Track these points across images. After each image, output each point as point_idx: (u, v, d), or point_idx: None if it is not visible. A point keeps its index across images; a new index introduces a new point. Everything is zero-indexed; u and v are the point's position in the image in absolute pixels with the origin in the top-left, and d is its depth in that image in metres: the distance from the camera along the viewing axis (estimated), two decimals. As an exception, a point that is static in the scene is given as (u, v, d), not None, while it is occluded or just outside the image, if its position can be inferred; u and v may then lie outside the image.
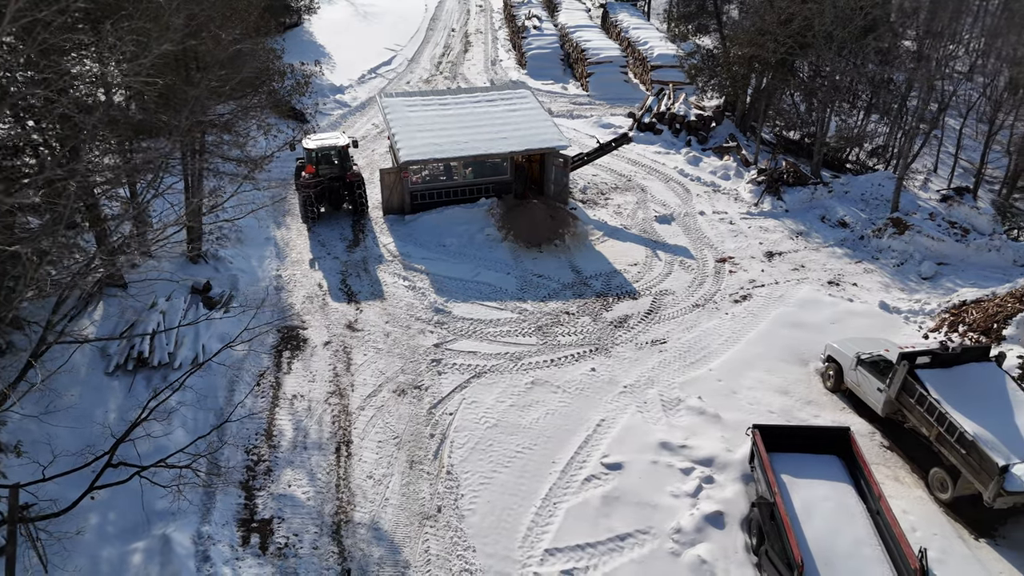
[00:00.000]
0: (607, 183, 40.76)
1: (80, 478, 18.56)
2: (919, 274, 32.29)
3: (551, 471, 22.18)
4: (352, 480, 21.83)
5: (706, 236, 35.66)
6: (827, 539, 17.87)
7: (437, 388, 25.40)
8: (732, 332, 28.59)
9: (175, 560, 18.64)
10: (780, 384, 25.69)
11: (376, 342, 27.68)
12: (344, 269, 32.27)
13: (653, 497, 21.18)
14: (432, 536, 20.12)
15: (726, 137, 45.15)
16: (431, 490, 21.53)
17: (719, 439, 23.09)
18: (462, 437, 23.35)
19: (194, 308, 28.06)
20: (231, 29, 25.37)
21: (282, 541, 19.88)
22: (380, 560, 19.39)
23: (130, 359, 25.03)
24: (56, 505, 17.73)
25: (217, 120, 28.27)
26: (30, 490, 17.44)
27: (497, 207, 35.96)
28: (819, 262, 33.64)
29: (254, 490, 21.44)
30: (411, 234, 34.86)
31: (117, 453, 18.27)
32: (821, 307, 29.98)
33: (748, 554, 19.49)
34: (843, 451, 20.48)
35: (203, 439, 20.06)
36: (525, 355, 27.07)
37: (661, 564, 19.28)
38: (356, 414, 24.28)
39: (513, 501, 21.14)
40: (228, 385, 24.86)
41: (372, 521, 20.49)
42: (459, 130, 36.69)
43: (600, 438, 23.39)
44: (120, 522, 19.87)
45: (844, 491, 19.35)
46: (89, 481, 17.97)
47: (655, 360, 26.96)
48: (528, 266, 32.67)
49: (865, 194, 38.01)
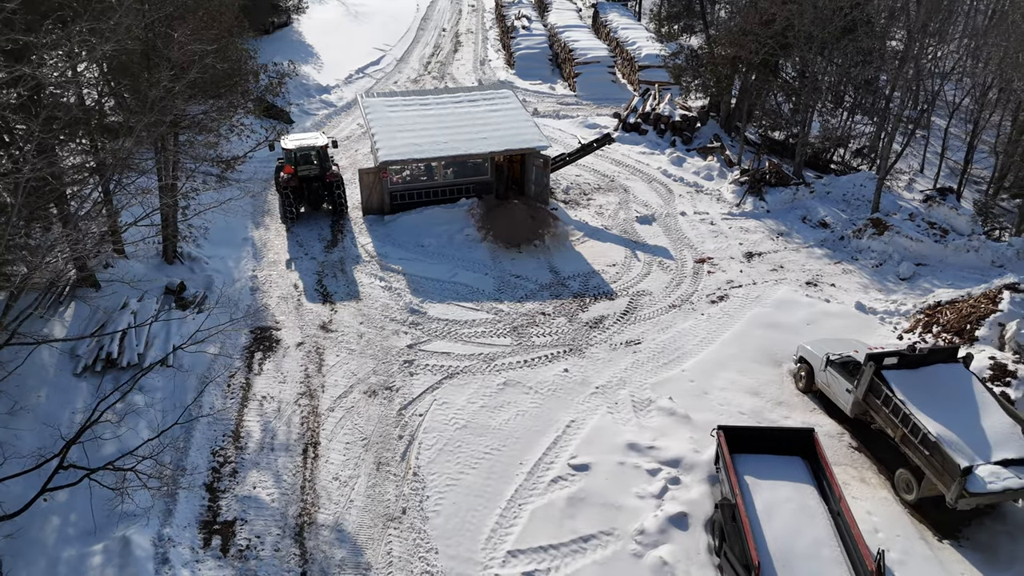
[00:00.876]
0: (590, 183, 40.68)
1: (39, 480, 18.46)
2: (897, 275, 32.22)
3: (518, 472, 22.11)
4: (318, 482, 21.75)
5: (686, 237, 35.58)
6: (787, 540, 17.78)
7: (408, 389, 25.31)
8: (707, 333, 28.51)
9: (134, 562, 18.56)
10: (752, 385, 25.61)
11: (349, 343, 27.60)
12: (321, 270, 32.19)
13: (618, 498, 21.10)
14: (395, 538, 20.05)
15: (711, 137, 45.08)
16: (397, 492, 21.45)
17: (688, 440, 23.01)
18: (431, 438, 23.27)
19: (167, 309, 27.95)
20: (204, 30, 25.28)
21: (244, 543, 19.80)
22: (342, 562, 19.31)
23: (99, 360, 24.94)
24: (6, 508, 17.60)
25: (189, 120, 28.17)
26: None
27: (477, 207, 35.90)
28: (798, 263, 33.57)
29: (218, 492, 21.36)
30: (390, 234, 34.78)
31: (71, 455, 18.16)
32: (797, 308, 29.90)
33: (710, 555, 19.41)
34: (807, 452, 20.37)
35: (150, 442, 19.86)
36: (499, 356, 26.99)
37: (623, 565, 19.20)
38: (325, 415, 24.20)
39: (478, 502, 21.06)
40: (198, 387, 24.74)
41: (336, 523, 20.41)
42: (440, 130, 36.62)
43: (569, 439, 23.30)
44: (81, 524, 19.80)
45: (806, 492, 19.26)
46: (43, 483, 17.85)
47: (628, 361, 26.87)
48: (506, 267, 32.59)
49: (847, 195, 37.94)
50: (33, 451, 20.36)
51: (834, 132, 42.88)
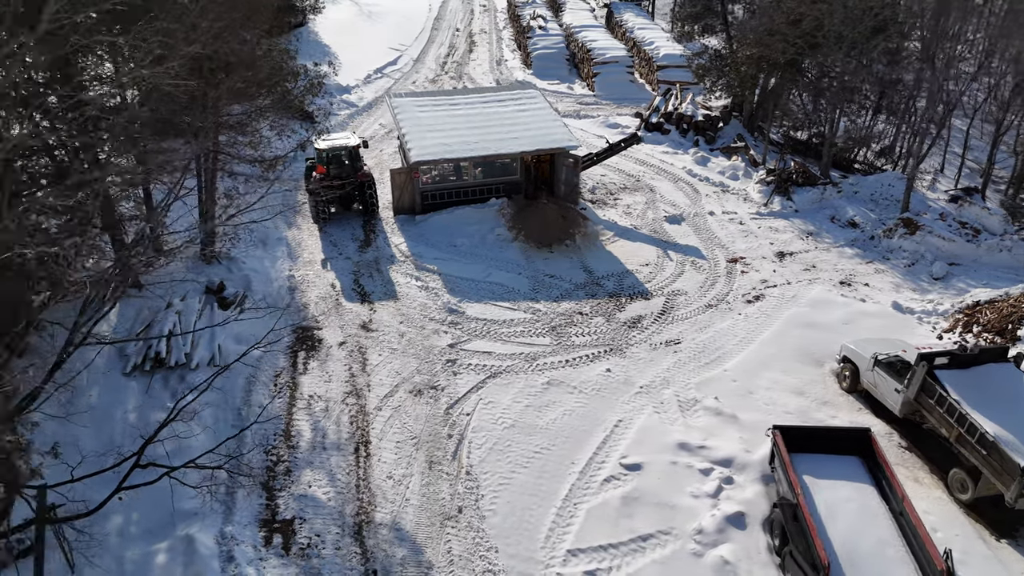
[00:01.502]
0: (616, 183, 40.78)
1: (105, 478, 18.55)
2: (931, 274, 32.36)
3: (570, 472, 22.22)
4: (372, 480, 21.86)
5: (716, 236, 35.69)
6: (851, 540, 17.91)
7: (453, 388, 25.42)
8: (746, 332, 28.63)
9: (198, 560, 18.67)
10: (795, 385, 25.74)
11: (391, 342, 27.70)
12: (356, 269, 32.28)
13: (673, 498, 21.22)
14: (454, 537, 20.15)
15: (734, 137, 45.21)
16: (451, 490, 21.56)
17: (737, 440, 23.14)
18: (480, 437, 23.38)
19: (209, 308, 28.07)
20: (253, 29, 25.37)
21: (304, 541, 19.90)
22: (403, 560, 19.42)
23: (147, 359, 25.04)
24: (86, 506, 17.70)
25: (232, 121, 28.28)
26: (57, 491, 17.43)
27: (507, 207, 35.99)
28: (830, 262, 33.70)
29: (275, 491, 21.47)
30: (422, 234, 34.87)
31: (144, 454, 18.27)
32: (833, 307, 30.03)
33: (771, 555, 19.54)
34: (864, 452, 20.50)
35: (233, 439, 20.02)
36: (540, 355, 27.11)
37: (684, 565, 19.32)
38: (373, 414, 24.30)
39: (533, 501, 21.18)
40: (246, 385, 24.89)
41: (393, 521, 20.52)
42: (469, 130, 36.71)
43: (618, 439, 23.42)
44: (143, 523, 19.91)
45: (866, 492, 19.40)
46: (115, 481, 17.94)
47: (670, 361, 27.00)
48: (539, 266, 32.70)
49: (875, 194, 38.07)
50: (103, 450, 20.45)
51: (859, 132, 42.99)
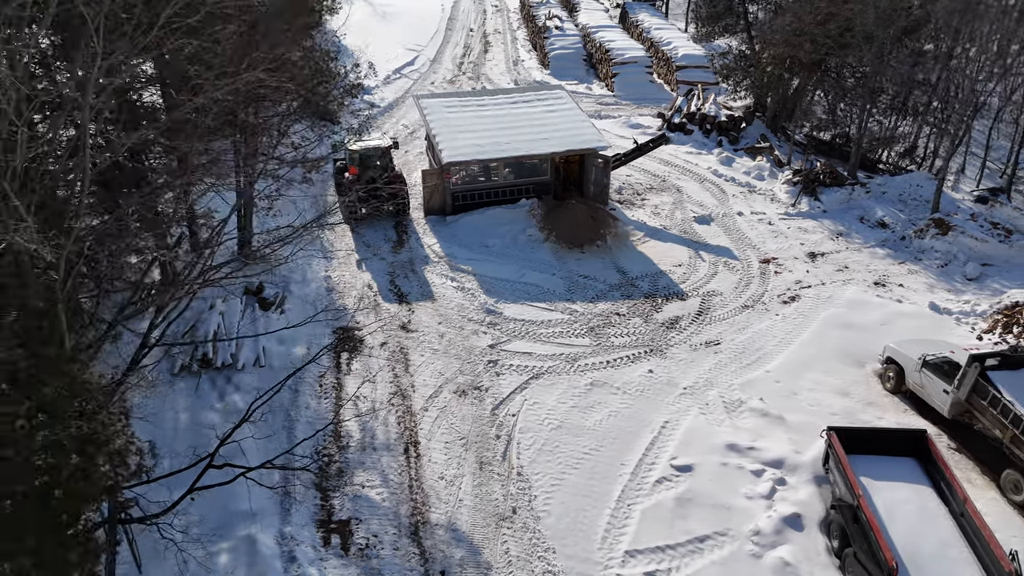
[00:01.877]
0: (642, 183, 40.85)
1: (176, 479, 18.61)
2: (964, 275, 32.46)
3: (621, 473, 22.30)
4: (424, 481, 21.93)
5: (747, 237, 35.78)
6: (912, 542, 17.99)
7: (497, 389, 25.50)
8: (784, 333, 28.72)
9: (261, 561, 18.75)
10: (839, 385, 25.82)
11: (432, 343, 27.77)
12: (392, 270, 32.35)
13: (727, 499, 21.30)
14: (510, 537, 20.23)
15: (758, 138, 45.28)
16: (503, 491, 21.64)
17: (786, 440, 23.23)
18: (528, 438, 23.46)
19: (250, 309, 28.11)
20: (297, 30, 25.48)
21: (362, 542, 19.98)
22: (462, 561, 19.50)
23: (194, 360, 25.10)
24: (160, 505, 17.74)
25: (272, 123, 28.36)
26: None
27: (538, 208, 36.05)
28: (862, 263, 33.78)
29: (329, 491, 21.53)
30: (454, 235, 34.93)
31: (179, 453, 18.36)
32: (870, 308, 30.13)
33: (830, 557, 19.61)
34: (919, 453, 20.57)
35: (309, 440, 20.18)
36: (580, 356, 27.19)
37: (743, 566, 19.40)
38: (420, 415, 24.37)
39: (587, 503, 21.26)
40: (292, 385, 24.87)
41: (449, 522, 20.59)
42: (499, 131, 36.77)
43: (666, 440, 23.51)
44: (203, 524, 19.94)
45: (924, 493, 19.49)
46: (181, 481, 18.00)
47: (711, 362, 27.08)
48: (572, 267, 32.79)
49: (903, 194, 38.17)
50: (149, 451, 20.51)
51: (884, 132, 43.07)
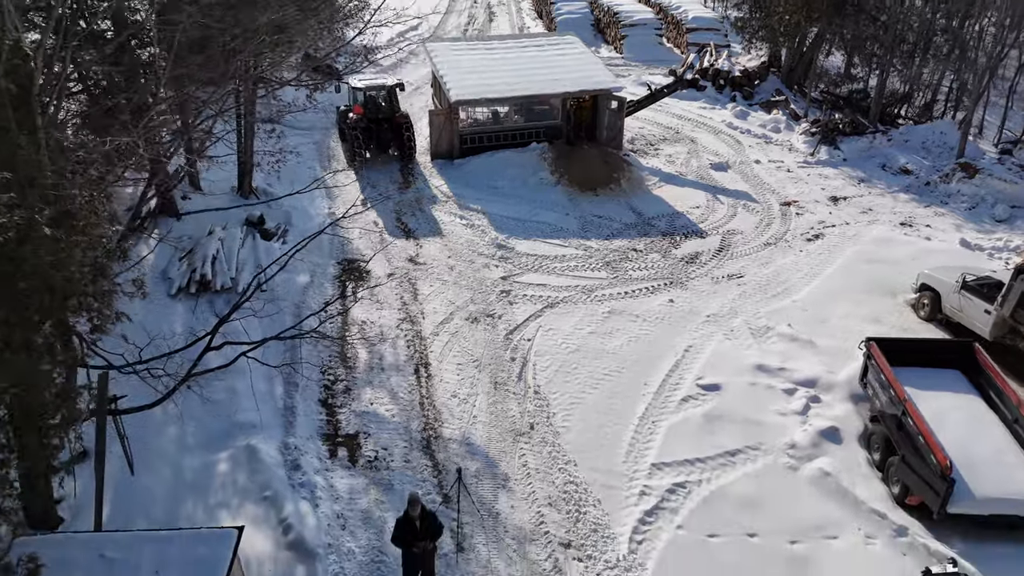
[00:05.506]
0: (655, 135, 39.58)
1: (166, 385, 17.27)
2: (993, 216, 31.27)
3: (644, 392, 21.04)
4: (436, 399, 20.68)
5: (766, 182, 34.53)
6: (965, 447, 16.71)
7: (511, 316, 24.26)
8: (809, 268, 27.50)
9: (264, 468, 17.46)
10: (870, 314, 24.58)
11: (441, 275, 26.54)
12: (398, 208, 31.13)
13: (758, 416, 20.05)
14: (528, 451, 18.97)
15: (773, 92, 44.00)
16: (520, 408, 20.38)
17: (817, 363, 22.00)
18: (544, 361, 22.21)
19: (251, 238, 26.84)
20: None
21: (371, 455, 18.72)
22: (478, 473, 18.23)
23: (192, 282, 23.83)
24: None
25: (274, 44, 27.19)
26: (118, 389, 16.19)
27: (549, 152, 34.79)
28: (887, 206, 32.53)
29: (335, 407, 20.26)
30: (462, 177, 33.70)
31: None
32: (898, 245, 28.91)
33: (871, 468, 18.33)
34: (965, 365, 19.30)
35: (314, 316, 19.43)
36: (597, 288, 25.94)
37: (779, 477, 18.15)
38: (431, 339, 23.13)
39: (608, 419, 20.00)
40: (294, 310, 23.63)
41: (463, 437, 19.34)
42: (509, 72, 35.55)
43: (690, 362, 22.27)
44: (199, 435, 18.68)
45: (973, 402, 18.27)
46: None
47: (735, 292, 25.85)
48: (586, 207, 31.56)
49: (926, 142, 36.92)
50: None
51: (904, 85, 41.83)
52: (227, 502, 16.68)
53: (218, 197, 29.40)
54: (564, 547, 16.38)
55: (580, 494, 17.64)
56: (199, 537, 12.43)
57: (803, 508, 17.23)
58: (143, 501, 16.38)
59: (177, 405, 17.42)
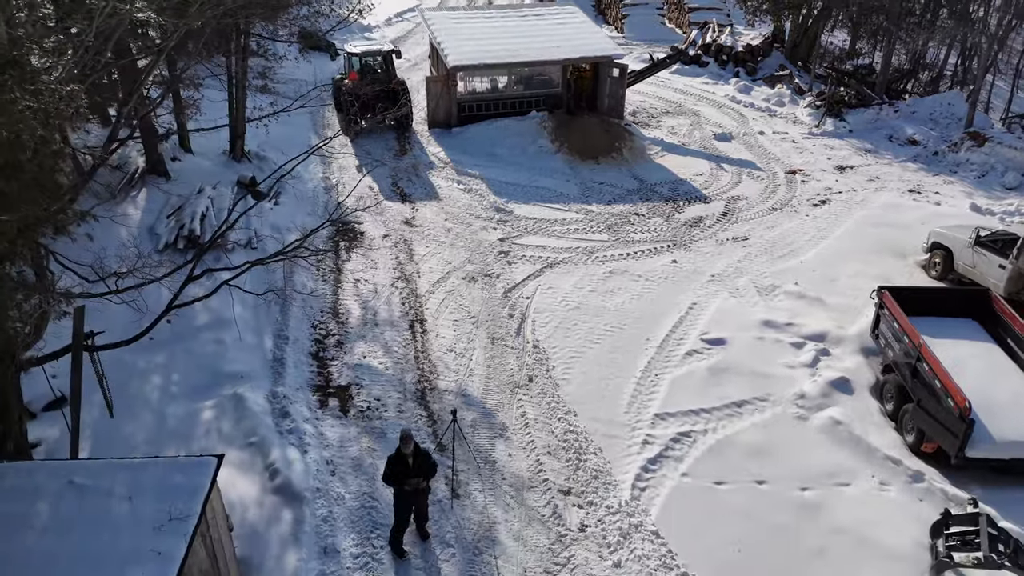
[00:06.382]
0: (656, 108, 38.82)
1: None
2: (1003, 184, 30.53)
3: (646, 348, 20.31)
4: (432, 353, 19.94)
5: (771, 152, 33.79)
6: (983, 393, 15.94)
7: (509, 275, 23.54)
8: (817, 231, 26.79)
9: (250, 416, 16.69)
10: (880, 274, 23.78)
11: (438, 236, 25.82)
12: (394, 174, 30.40)
13: (766, 368, 19.32)
14: (527, 403, 18.24)
15: (776, 67, 43.24)
16: (519, 362, 19.65)
17: (826, 318, 21.26)
18: (544, 317, 21.47)
19: (243, 200, 26.05)
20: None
21: (364, 405, 17.97)
22: (474, 423, 17.48)
23: (180, 238, 23.05)
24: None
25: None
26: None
27: (549, 120, 34.03)
28: (894, 174, 31.79)
29: (326, 360, 19.52)
30: (460, 145, 32.99)
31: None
32: (907, 210, 28.18)
33: (885, 419, 17.58)
34: (981, 314, 18.56)
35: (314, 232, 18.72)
36: (598, 249, 25.23)
37: (788, 427, 17.42)
38: (426, 296, 22.40)
39: (610, 372, 19.27)
40: (286, 267, 22.85)
41: (459, 389, 18.60)
42: (509, 39, 34.83)
43: (694, 319, 21.55)
44: (184, 384, 17.93)
45: (991, 350, 17.55)
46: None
47: (740, 254, 25.14)
48: (587, 175, 30.84)
49: (934, 114, 36.18)
50: (126, 319, 18.32)
51: (911, 57, 41.09)
52: (211, 448, 15.88)
53: (210, 160, 28.60)
54: (564, 494, 15.62)
55: (580, 443, 16.90)
56: (176, 465, 11.64)
57: (814, 456, 16.49)
58: (122, 447, 15.60)
59: (154, 340, 16.57)
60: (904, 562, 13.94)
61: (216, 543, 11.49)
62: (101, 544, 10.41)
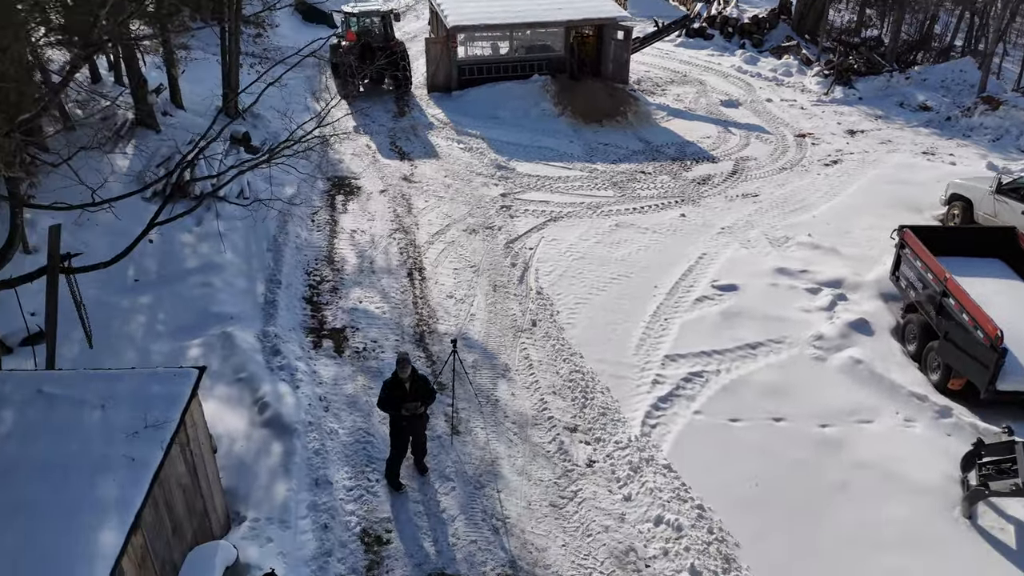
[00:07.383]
0: (661, 77, 37.97)
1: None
2: (1018, 147, 29.68)
3: (655, 294, 19.47)
4: (431, 299, 19.09)
5: (779, 117, 32.97)
6: (1013, 325, 15.02)
7: (511, 228, 22.72)
8: (829, 188, 25.96)
9: (240, 353, 15.82)
10: (896, 226, 22.84)
11: (437, 191, 24.99)
12: (392, 134, 29.60)
13: (780, 312, 18.48)
14: (530, 345, 17.38)
15: (783, 39, 42.37)
16: (521, 308, 18.80)
17: (842, 266, 20.41)
18: (547, 267, 20.64)
19: (236, 152, 25.23)
20: None
21: (360, 347, 17.09)
22: (476, 364, 16.61)
23: (168, 186, 22.10)
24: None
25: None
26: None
27: (551, 84, 33.18)
28: (907, 138, 30.95)
29: (320, 304, 18.67)
30: (460, 107, 32.20)
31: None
32: (921, 169, 27.32)
33: (907, 358, 16.72)
34: (1006, 254, 17.70)
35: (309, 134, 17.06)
36: (603, 204, 24.42)
37: (806, 367, 16.55)
38: (425, 247, 21.57)
39: (617, 317, 18.42)
40: (279, 218, 22.01)
41: (460, 333, 17.69)
42: (510, 1, 33.93)
43: (704, 268, 20.72)
44: (170, 324, 17.06)
45: (1018, 287, 16.65)
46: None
47: (750, 208, 24.31)
48: (591, 137, 30.03)
49: (945, 81, 35.33)
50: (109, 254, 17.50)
51: (928, 18, 40.22)
52: (197, 384, 14.98)
53: (202, 116, 27.74)
54: (570, 431, 14.75)
55: (587, 382, 16.03)
56: (154, 376, 10.76)
57: (833, 394, 15.63)
58: (103, 381, 14.68)
59: (140, 282, 15.74)
60: (932, 495, 13.09)
61: (197, 458, 10.62)
62: (69, 452, 9.57)
